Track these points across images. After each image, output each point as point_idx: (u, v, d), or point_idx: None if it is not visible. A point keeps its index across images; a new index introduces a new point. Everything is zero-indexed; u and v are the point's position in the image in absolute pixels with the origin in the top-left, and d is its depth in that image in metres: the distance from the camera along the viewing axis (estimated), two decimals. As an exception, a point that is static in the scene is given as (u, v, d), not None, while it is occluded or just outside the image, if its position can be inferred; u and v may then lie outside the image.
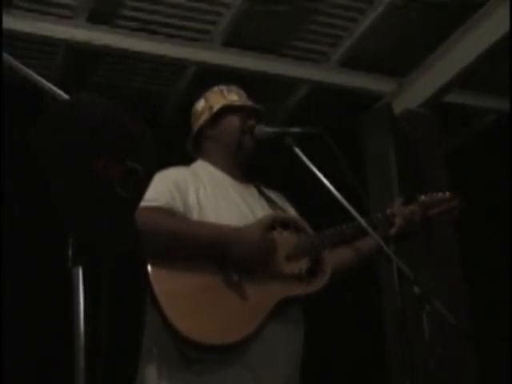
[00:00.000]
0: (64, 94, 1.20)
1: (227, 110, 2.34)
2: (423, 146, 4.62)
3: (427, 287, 1.96)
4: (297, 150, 2.15)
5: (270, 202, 2.34)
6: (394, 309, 3.59)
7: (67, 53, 4.13)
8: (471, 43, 4.16)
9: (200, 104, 2.42)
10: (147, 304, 2.06)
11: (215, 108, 2.35)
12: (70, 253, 1.18)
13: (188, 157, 2.42)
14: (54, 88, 1.20)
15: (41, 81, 1.21)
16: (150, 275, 1.98)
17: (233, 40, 4.24)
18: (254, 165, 2.38)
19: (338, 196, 2.07)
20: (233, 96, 2.39)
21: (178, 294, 1.98)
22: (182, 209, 2.10)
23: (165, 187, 2.10)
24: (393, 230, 2.28)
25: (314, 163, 2.12)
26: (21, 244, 3.65)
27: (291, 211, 2.39)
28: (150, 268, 1.99)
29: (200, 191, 2.18)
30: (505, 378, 4.22)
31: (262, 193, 2.37)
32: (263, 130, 2.29)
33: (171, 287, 1.98)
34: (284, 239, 2.19)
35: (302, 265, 2.16)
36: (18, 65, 1.22)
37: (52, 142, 1.08)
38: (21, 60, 1.25)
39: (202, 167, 2.33)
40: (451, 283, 4.21)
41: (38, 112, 1.11)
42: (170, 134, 2.89)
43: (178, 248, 2.04)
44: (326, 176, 2.10)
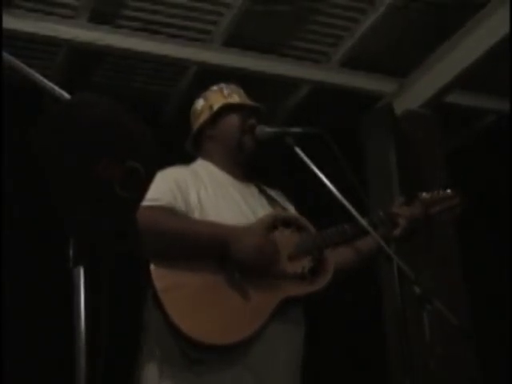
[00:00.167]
0: (65, 94, 1.19)
1: (227, 109, 2.34)
2: (423, 146, 4.62)
3: (427, 287, 1.96)
4: (297, 149, 2.15)
5: (271, 200, 2.34)
6: (395, 309, 3.58)
7: (69, 53, 4.13)
8: (472, 44, 4.17)
9: (199, 103, 2.41)
10: (148, 303, 2.06)
11: (215, 107, 2.34)
12: (70, 253, 1.18)
13: (188, 156, 2.42)
14: (55, 87, 1.20)
15: (41, 80, 1.21)
16: (152, 274, 1.98)
17: (233, 40, 4.24)
18: (254, 164, 2.38)
19: (339, 196, 2.07)
20: (232, 95, 2.39)
21: (179, 293, 1.98)
22: (183, 208, 2.10)
23: (166, 187, 2.10)
24: (397, 231, 2.27)
25: (314, 163, 2.12)
26: (21, 244, 3.65)
27: (291, 209, 2.38)
28: (151, 267, 1.99)
29: (201, 191, 2.18)
30: (505, 377, 4.22)
31: (262, 191, 2.36)
32: (264, 130, 2.29)
33: (173, 286, 1.98)
34: (286, 238, 2.18)
35: (305, 264, 2.16)
36: (19, 64, 1.22)
37: (52, 142, 1.08)
38: (22, 60, 1.25)
39: (203, 166, 2.32)
40: (451, 283, 4.21)
41: (38, 112, 1.11)
42: (171, 134, 2.89)
43: (179, 247, 2.04)
44: (326, 176, 2.10)
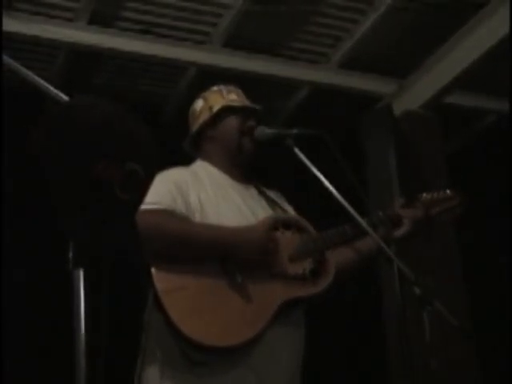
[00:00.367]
0: (64, 96, 1.20)
1: (227, 111, 2.33)
2: (423, 146, 4.62)
3: (428, 288, 1.96)
4: (297, 151, 2.16)
5: (270, 202, 2.34)
6: (395, 309, 3.59)
7: (69, 55, 4.14)
8: (472, 44, 4.17)
9: (199, 104, 2.41)
10: (149, 305, 2.06)
11: (215, 108, 2.33)
12: (70, 255, 1.18)
13: (188, 157, 2.42)
14: (54, 90, 1.20)
15: (40, 82, 1.21)
16: (154, 277, 1.98)
17: (233, 41, 4.24)
18: (253, 165, 2.38)
19: (339, 197, 2.07)
20: (232, 96, 2.38)
21: (180, 295, 1.98)
22: (184, 210, 2.10)
23: (166, 189, 2.10)
24: (399, 231, 2.27)
25: (314, 164, 2.12)
26: (21, 244, 3.65)
27: (290, 211, 2.38)
28: (153, 270, 1.99)
29: (201, 192, 2.18)
30: (505, 377, 4.22)
31: (261, 193, 2.36)
32: (264, 131, 2.28)
33: (174, 289, 1.98)
34: (286, 240, 2.18)
35: (305, 265, 2.15)
36: (18, 66, 1.22)
37: (52, 143, 1.09)
38: (22, 62, 1.26)
39: (202, 167, 2.32)
40: (451, 283, 4.21)
41: (38, 113, 1.12)
42: (171, 135, 2.89)
43: (180, 250, 2.03)
44: (326, 177, 2.10)
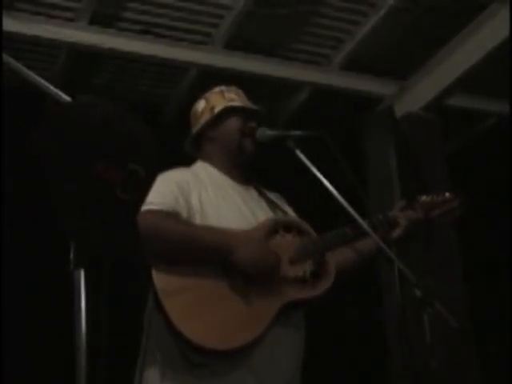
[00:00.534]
0: (65, 96, 1.20)
1: (228, 112, 2.34)
2: (424, 148, 4.63)
3: (428, 289, 1.96)
4: (298, 152, 2.16)
5: (270, 203, 2.34)
6: (395, 309, 3.59)
7: (69, 55, 4.14)
8: (473, 46, 4.17)
9: (200, 105, 2.41)
10: (149, 307, 2.06)
11: (216, 109, 2.34)
12: (71, 255, 1.18)
13: (189, 158, 2.42)
14: (55, 89, 1.20)
15: (41, 82, 1.21)
16: (154, 278, 1.98)
17: (234, 43, 4.24)
18: (254, 166, 2.38)
19: (339, 198, 2.07)
20: (233, 97, 2.38)
21: (181, 297, 1.98)
22: (185, 211, 2.10)
23: (168, 190, 2.10)
24: (396, 232, 2.27)
25: (315, 166, 2.13)
26: (21, 244, 3.65)
27: (290, 212, 2.38)
28: (153, 271, 1.98)
29: (202, 193, 2.18)
30: (505, 377, 4.22)
31: (261, 194, 2.36)
32: (265, 132, 2.28)
33: (175, 291, 1.98)
34: (287, 242, 2.18)
35: (306, 267, 2.15)
36: (19, 66, 1.22)
37: (52, 143, 1.09)
38: (23, 62, 1.26)
39: (203, 168, 2.32)
40: (451, 283, 4.22)
41: (38, 113, 1.12)
42: (171, 136, 2.89)
43: (181, 252, 2.03)
44: (327, 178, 2.10)
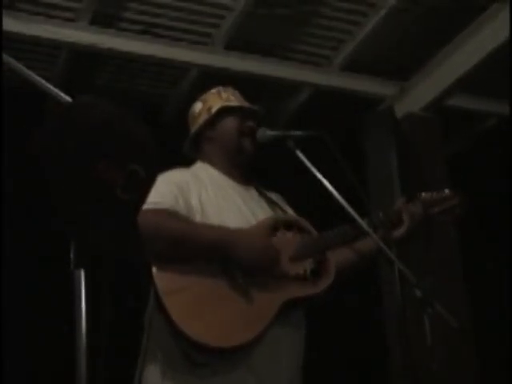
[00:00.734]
0: (65, 96, 1.20)
1: (225, 111, 2.35)
2: (424, 148, 4.63)
3: (428, 290, 1.96)
4: (299, 153, 2.16)
5: (271, 203, 2.34)
6: (395, 309, 3.59)
7: (70, 55, 4.14)
8: (473, 47, 4.17)
9: (198, 106, 2.42)
10: (150, 306, 2.06)
11: (214, 109, 2.35)
12: (71, 256, 1.18)
13: (189, 158, 2.43)
14: (55, 89, 1.20)
15: (41, 82, 1.21)
16: (155, 277, 1.98)
17: (235, 43, 4.24)
18: (254, 166, 2.38)
19: (339, 198, 2.08)
20: (230, 97, 2.40)
21: (182, 296, 1.98)
22: (185, 211, 2.10)
23: (168, 190, 2.10)
24: (400, 230, 2.26)
25: (315, 166, 2.13)
26: (21, 244, 3.65)
27: (290, 212, 2.38)
28: (154, 271, 1.99)
29: (202, 192, 2.18)
30: (505, 378, 4.23)
31: (261, 194, 2.37)
32: (265, 133, 2.29)
33: (176, 289, 1.98)
34: (287, 240, 2.18)
35: (306, 266, 2.16)
36: (19, 66, 1.22)
37: (52, 143, 1.09)
38: (24, 62, 1.26)
39: (203, 169, 2.33)
40: (451, 283, 4.22)
41: (38, 113, 1.12)
42: (172, 136, 2.89)
43: (182, 250, 2.03)
44: (327, 178, 2.10)
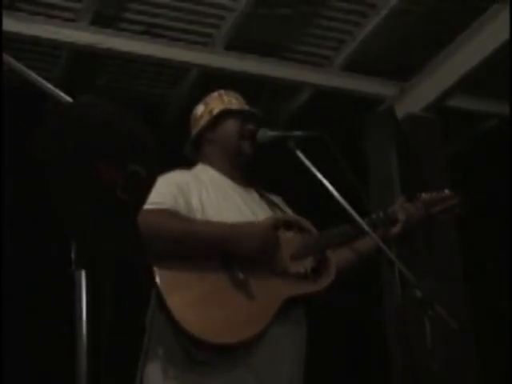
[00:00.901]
0: (65, 96, 1.20)
1: (226, 114, 2.37)
2: (425, 149, 4.63)
3: (429, 291, 1.97)
4: (299, 153, 2.17)
5: (271, 204, 2.36)
6: (395, 309, 3.59)
7: (71, 55, 4.14)
8: (473, 48, 4.18)
9: (199, 108, 2.45)
10: (151, 305, 2.06)
11: (215, 112, 2.37)
12: (72, 256, 1.18)
13: (189, 159, 2.44)
14: (55, 90, 1.20)
15: (42, 82, 1.21)
16: (156, 276, 1.99)
17: (235, 43, 4.24)
18: (254, 168, 2.39)
19: (340, 198, 2.08)
20: (231, 100, 2.42)
21: (183, 294, 1.99)
22: (185, 211, 2.11)
23: (168, 190, 2.12)
24: (396, 228, 2.27)
25: (315, 166, 2.13)
26: (21, 244, 3.66)
27: (291, 214, 2.39)
28: (156, 270, 1.99)
29: (202, 194, 2.20)
30: (505, 377, 4.23)
31: (262, 196, 2.38)
32: (266, 133, 2.30)
33: (177, 288, 1.99)
34: (288, 239, 2.20)
35: (307, 264, 2.17)
36: (20, 66, 1.22)
37: (52, 143, 1.09)
38: (24, 62, 1.26)
39: (203, 170, 2.35)
40: (451, 283, 4.22)
41: (38, 113, 1.12)
42: (172, 136, 2.90)
43: (183, 250, 2.04)
44: (327, 178, 2.11)
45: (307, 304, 2.21)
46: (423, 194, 2.39)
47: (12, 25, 3.71)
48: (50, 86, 1.21)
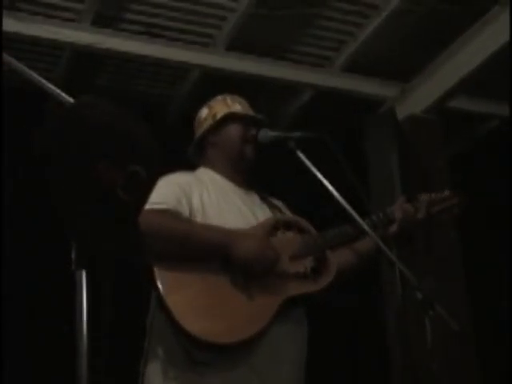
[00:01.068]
0: (66, 96, 1.20)
1: (230, 118, 2.37)
2: (426, 150, 4.63)
3: (429, 292, 1.97)
4: (300, 154, 2.17)
5: (272, 207, 2.36)
6: (395, 310, 3.59)
7: (71, 56, 4.14)
8: (474, 49, 4.18)
9: (204, 112, 2.45)
10: (152, 305, 2.07)
11: (218, 115, 2.38)
12: (72, 256, 1.18)
13: (190, 159, 2.44)
14: (56, 90, 1.20)
15: (42, 82, 1.21)
16: (156, 276, 1.99)
17: (236, 44, 4.25)
18: (255, 171, 2.40)
19: (340, 199, 2.09)
20: (236, 105, 2.42)
21: (184, 294, 1.99)
22: (187, 212, 2.12)
23: (170, 190, 2.12)
24: (393, 227, 2.28)
25: (316, 166, 2.13)
26: (21, 244, 3.66)
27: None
28: (156, 270, 2.00)
29: (204, 195, 2.20)
30: (505, 377, 4.23)
31: (263, 199, 2.39)
32: (267, 133, 2.31)
33: (177, 288, 1.99)
34: (288, 240, 2.20)
35: (307, 264, 2.17)
36: (20, 66, 1.23)
37: (53, 143, 1.09)
38: (25, 62, 1.26)
39: (205, 173, 2.35)
40: (451, 283, 4.22)
41: (38, 113, 1.12)
42: (173, 136, 2.90)
43: (183, 250, 2.05)
44: (328, 179, 2.11)
45: (307, 304, 2.21)
46: (422, 195, 2.40)
47: (12, 25, 3.71)
48: (51, 86, 1.22)
